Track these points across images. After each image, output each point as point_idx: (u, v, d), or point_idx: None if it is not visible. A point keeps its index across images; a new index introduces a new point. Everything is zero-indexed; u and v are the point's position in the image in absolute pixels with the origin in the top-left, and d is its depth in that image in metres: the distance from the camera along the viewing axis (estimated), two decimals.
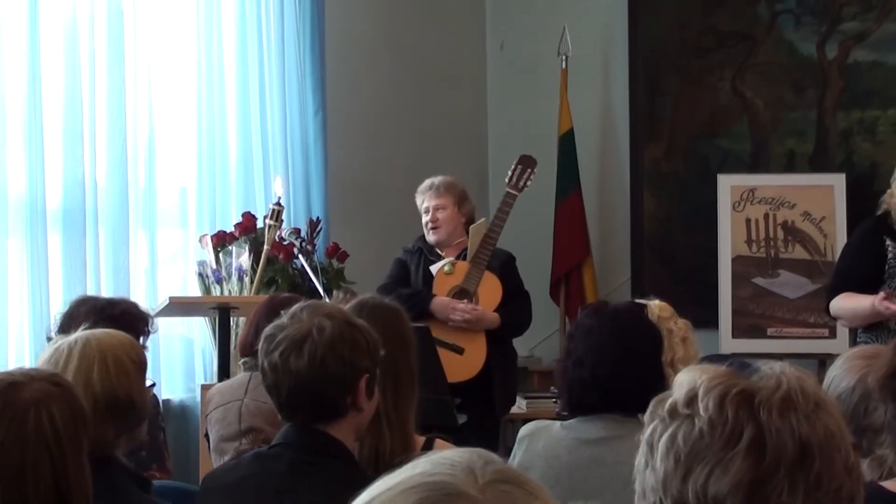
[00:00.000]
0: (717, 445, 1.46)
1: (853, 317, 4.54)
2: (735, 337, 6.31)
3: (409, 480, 1.12)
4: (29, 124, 5.37)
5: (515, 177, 5.67)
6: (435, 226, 5.57)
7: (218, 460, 3.74)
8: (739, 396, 1.48)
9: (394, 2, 7.17)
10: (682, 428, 1.48)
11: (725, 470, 1.45)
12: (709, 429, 1.47)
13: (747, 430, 1.46)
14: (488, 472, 1.12)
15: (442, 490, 1.10)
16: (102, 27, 5.68)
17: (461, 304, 5.42)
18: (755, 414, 1.47)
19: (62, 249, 5.51)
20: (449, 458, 1.14)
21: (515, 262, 5.65)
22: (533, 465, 3.03)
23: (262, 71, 6.27)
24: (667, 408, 1.51)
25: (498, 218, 5.56)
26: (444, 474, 1.12)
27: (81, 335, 2.70)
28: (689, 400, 1.50)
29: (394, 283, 5.53)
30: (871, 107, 6.65)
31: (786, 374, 1.52)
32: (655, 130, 7.01)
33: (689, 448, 1.47)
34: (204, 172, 6.08)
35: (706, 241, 6.55)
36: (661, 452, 1.48)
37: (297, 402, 2.54)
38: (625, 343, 3.01)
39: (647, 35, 7.00)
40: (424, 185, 5.68)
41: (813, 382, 1.54)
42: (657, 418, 1.52)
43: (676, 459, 1.47)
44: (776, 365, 1.55)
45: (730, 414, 1.47)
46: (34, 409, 2.13)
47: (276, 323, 2.59)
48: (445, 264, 5.52)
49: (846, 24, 6.67)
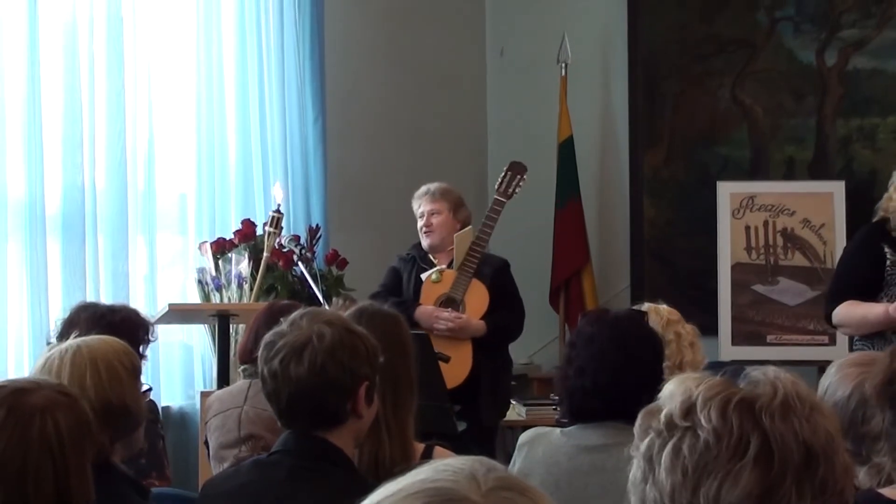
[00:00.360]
0: (725, 456, 1.46)
1: (860, 325, 4.41)
2: (735, 344, 6.30)
3: (412, 486, 1.12)
4: (28, 129, 5.37)
5: (505, 183, 5.66)
6: (429, 230, 5.57)
7: (217, 467, 3.74)
8: (741, 405, 1.48)
9: (393, 8, 7.17)
10: (685, 440, 1.47)
11: (736, 481, 1.45)
12: (714, 440, 1.46)
13: (753, 439, 1.46)
14: (490, 479, 1.13)
15: (444, 496, 1.11)
16: (102, 32, 5.68)
17: (445, 313, 5.41)
18: (759, 422, 1.47)
19: (61, 255, 5.50)
20: (451, 465, 1.15)
21: (510, 268, 5.63)
22: (533, 471, 3.03)
23: (262, 77, 6.27)
24: (663, 420, 1.50)
25: (485, 225, 5.55)
26: (446, 480, 1.12)
27: (72, 343, 2.71)
28: (687, 411, 1.49)
29: (385, 292, 5.52)
30: (870, 114, 6.65)
31: (780, 379, 1.52)
32: (655, 137, 7.02)
33: (697, 460, 1.46)
34: (203, 179, 6.08)
35: (706, 247, 6.55)
36: (666, 466, 1.48)
37: (298, 408, 2.54)
38: (625, 351, 3.01)
39: (646, 41, 7.01)
40: (420, 191, 5.70)
41: (805, 386, 1.55)
42: (653, 431, 1.51)
43: (684, 473, 1.47)
44: (768, 370, 1.54)
45: (734, 423, 1.47)
46: (39, 415, 2.13)
47: (276, 330, 2.58)
48: (433, 273, 5.51)
49: (845, 31, 6.68)
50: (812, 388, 1.58)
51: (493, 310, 5.46)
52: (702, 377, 1.53)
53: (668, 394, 1.53)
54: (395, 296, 5.51)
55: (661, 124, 7.01)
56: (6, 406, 2.13)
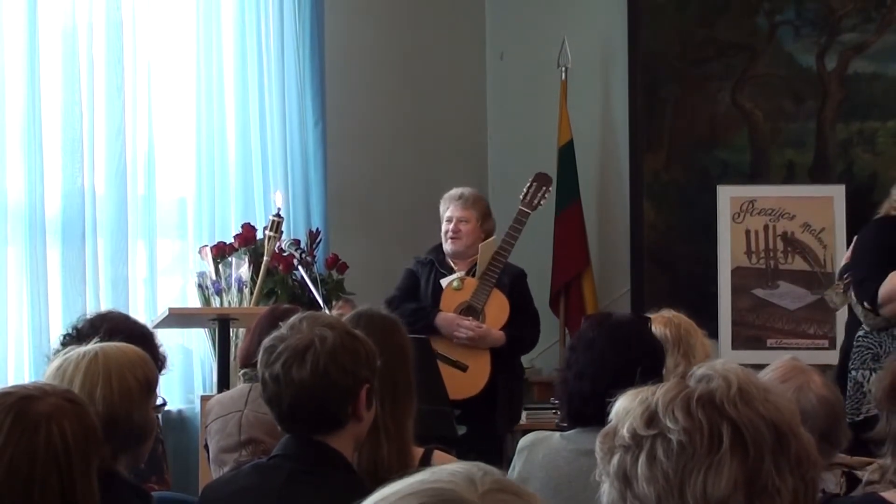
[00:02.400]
0: (702, 452, 1.48)
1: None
2: (735, 348, 6.30)
3: (409, 487, 1.14)
4: (28, 133, 5.37)
5: (530, 195, 5.65)
6: (455, 236, 5.55)
7: (217, 471, 3.74)
8: (703, 400, 1.51)
9: (393, 14, 7.18)
10: (658, 447, 1.49)
11: (718, 473, 1.47)
12: (687, 439, 1.48)
13: (724, 429, 1.48)
14: (487, 482, 1.16)
15: (442, 496, 1.13)
16: (101, 37, 5.69)
17: (466, 321, 5.41)
18: (724, 412, 1.50)
19: (61, 259, 5.50)
20: (449, 468, 1.18)
21: (526, 278, 5.62)
22: (532, 475, 3.03)
23: (262, 81, 6.27)
24: (627, 436, 1.51)
25: (509, 235, 5.55)
26: (444, 482, 1.15)
27: (91, 349, 2.68)
28: (650, 419, 1.51)
29: (402, 295, 5.51)
30: (870, 118, 6.65)
31: (729, 370, 1.55)
32: (655, 141, 7.02)
33: (675, 462, 1.48)
34: (203, 183, 6.08)
35: (706, 251, 6.55)
36: (645, 476, 1.49)
37: (299, 412, 2.53)
38: (626, 355, 3.01)
39: (646, 46, 7.01)
40: (452, 194, 5.64)
41: (751, 371, 1.59)
42: (619, 450, 1.52)
43: (666, 478, 1.48)
44: (714, 364, 1.57)
45: (702, 419, 1.49)
46: (46, 422, 2.12)
47: (276, 334, 2.58)
48: (454, 280, 5.50)
49: (846, 35, 6.68)
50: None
51: (511, 321, 5.46)
52: (649, 388, 1.55)
53: (622, 411, 1.54)
54: (413, 298, 5.50)
55: (661, 128, 7.01)
56: (13, 413, 2.13)
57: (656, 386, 1.55)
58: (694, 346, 3.70)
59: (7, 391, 2.21)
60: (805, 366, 2.95)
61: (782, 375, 2.86)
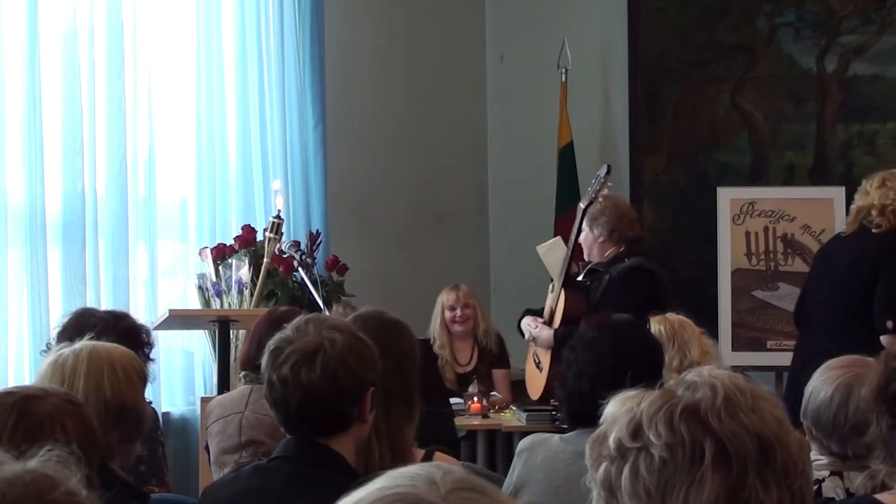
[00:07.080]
0: (684, 468, 1.45)
1: None
2: (735, 350, 6.30)
3: (371, 494, 1.14)
4: (28, 135, 5.37)
5: (594, 191, 5.60)
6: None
7: (218, 473, 3.74)
8: (686, 413, 1.48)
9: (394, 15, 7.18)
10: (641, 461, 1.47)
11: (700, 490, 1.44)
12: (669, 454, 1.46)
13: (707, 444, 1.46)
14: (448, 482, 1.15)
15: (405, 500, 1.12)
16: (102, 39, 5.69)
17: (533, 321, 5.53)
18: (707, 425, 1.47)
19: (62, 261, 5.51)
20: (408, 471, 1.17)
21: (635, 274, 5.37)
22: (532, 477, 3.03)
23: (262, 83, 6.28)
24: (613, 446, 1.50)
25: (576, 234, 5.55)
26: (405, 486, 1.14)
27: (87, 344, 2.74)
28: (635, 431, 1.49)
29: None
30: (870, 120, 6.65)
31: (717, 377, 1.52)
32: (655, 143, 7.02)
33: (657, 479, 1.46)
34: (204, 184, 6.09)
35: (706, 253, 6.55)
36: (628, 490, 1.47)
37: (307, 414, 2.53)
38: (625, 356, 3.01)
39: (646, 47, 7.01)
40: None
41: (742, 377, 1.55)
42: (606, 459, 1.50)
43: (647, 493, 1.46)
44: (703, 370, 1.54)
45: (684, 434, 1.46)
46: (48, 422, 2.14)
47: (282, 336, 2.57)
48: (552, 285, 5.63)
49: (846, 37, 6.68)
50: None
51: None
52: (639, 393, 1.53)
53: (612, 417, 1.53)
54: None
55: (661, 130, 7.01)
56: (16, 412, 2.15)
57: (644, 392, 1.53)
58: (689, 340, 3.70)
59: (9, 391, 2.24)
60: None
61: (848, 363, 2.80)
